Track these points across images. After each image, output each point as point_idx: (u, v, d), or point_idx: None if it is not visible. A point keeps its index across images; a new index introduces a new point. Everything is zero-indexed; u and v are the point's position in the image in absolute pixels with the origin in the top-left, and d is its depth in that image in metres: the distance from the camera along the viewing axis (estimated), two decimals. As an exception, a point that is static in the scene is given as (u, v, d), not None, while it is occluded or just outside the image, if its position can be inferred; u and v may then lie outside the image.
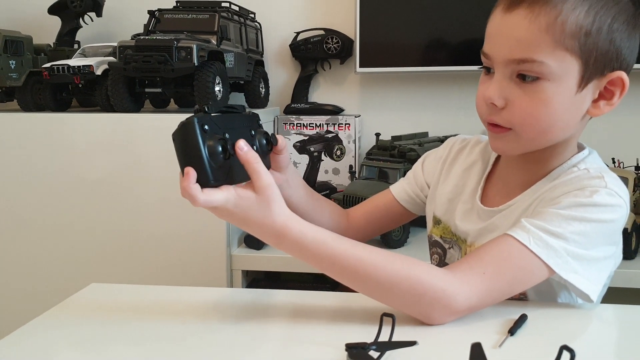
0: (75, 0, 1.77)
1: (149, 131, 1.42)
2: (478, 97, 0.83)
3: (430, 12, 1.73)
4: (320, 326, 0.76)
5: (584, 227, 0.76)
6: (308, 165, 1.82)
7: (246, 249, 1.48)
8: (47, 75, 1.49)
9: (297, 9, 1.89)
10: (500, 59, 0.78)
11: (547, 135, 0.80)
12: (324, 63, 1.89)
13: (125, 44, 1.39)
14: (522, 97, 0.77)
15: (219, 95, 1.42)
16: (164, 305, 0.84)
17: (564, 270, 0.75)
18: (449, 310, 0.73)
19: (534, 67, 0.75)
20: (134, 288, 0.93)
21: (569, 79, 0.76)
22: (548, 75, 0.75)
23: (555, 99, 0.76)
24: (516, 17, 0.76)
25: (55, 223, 1.47)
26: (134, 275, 1.45)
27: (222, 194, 0.71)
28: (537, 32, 0.74)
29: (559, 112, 0.78)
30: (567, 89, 0.76)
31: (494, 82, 0.79)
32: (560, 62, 0.75)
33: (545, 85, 0.76)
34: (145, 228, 1.44)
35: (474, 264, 0.75)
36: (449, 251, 0.98)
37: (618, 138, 1.72)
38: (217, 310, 0.84)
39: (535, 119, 0.77)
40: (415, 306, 0.74)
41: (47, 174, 1.46)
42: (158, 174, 1.42)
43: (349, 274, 0.75)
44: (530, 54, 0.75)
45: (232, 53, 1.56)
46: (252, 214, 0.72)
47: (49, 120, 1.47)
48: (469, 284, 0.74)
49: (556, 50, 0.74)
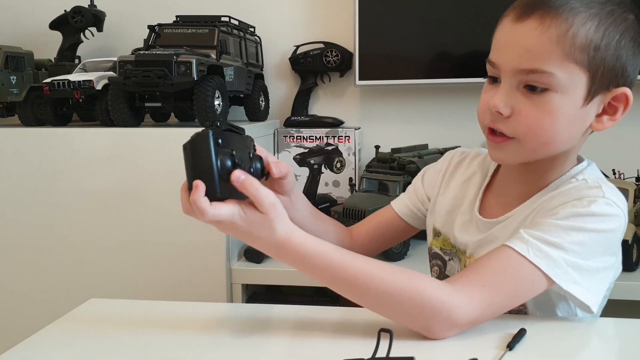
0: (77, 15, 1.78)
1: (149, 145, 1.42)
2: (481, 104, 0.83)
3: (430, 25, 1.73)
4: (318, 341, 0.76)
5: (583, 237, 0.76)
6: (308, 178, 1.82)
7: (246, 263, 1.48)
8: (47, 90, 1.50)
9: (297, 23, 1.89)
10: (508, 68, 0.78)
11: (550, 146, 0.80)
12: (323, 76, 1.90)
13: (125, 59, 1.40)
14: (529, 107, 0.77)
15: (218, 109, 1.43)
16: (164, 320, 0.84)
17: (564, 281, 0.75)
18: (449, 323, 0.73)
19: (542, 77, 0.76)
20: (133, 303, 0.93)
21: (576, 92, 0.76)
22: (556, 87, 0.76)
23: (562, 111, 0.77)
24: (527, 28, 0.76)
25: (55, 237, 1.47)
26: (134, 289, 1.45)
27: (228, 208, 0.71)
28: (548, 43, 0.75)
29: (564, 124, 0.78)
30: (574, 102, 0.77)
31: (501, 90, 0.79)
32: (569, 75, 0.75)
33: (552, 97, 0.76)
34: (144, 242, 1.44)
35: (473, 277, 0.75)
36: (449, 263, 0.97)
37: (618, 149, 1.71)
38: (217, 325, 0.84)
39: (540, 130, 0.78)
40: (416, 319, 0.74)
41: (47, 188, 1.46)
42: (158, 188, 1.42)
43: (348, 286, 0.75)
44: (540, 64, 0.75)
45: (232, 67, 1.56)
46: (255, 228, 0.72)
47: (49, 135, 1.48)
48: (469, 297, 0.73)
49: (565, 62, 0.75)
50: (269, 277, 1.46)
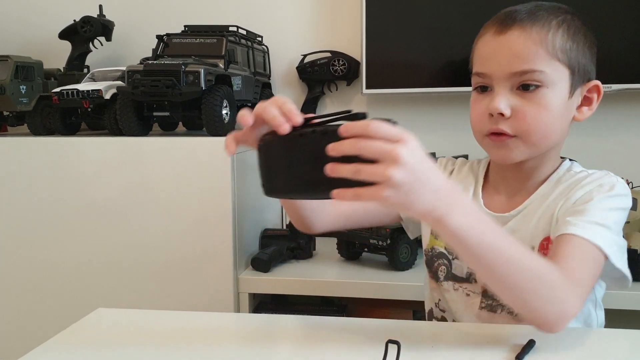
0: (86, 25, 1.79)
1: (157, 154, 1.43)
2: (476, 112, 0.91)
3: (436, 34, 1.73)
4: (325, 353, 0.76)
5: (617, 215, 0.85)
6: (315, 187, 1.81)
7: (253, 272, 1.48)
8: (56, 99, 1.51)
9: (304, 32, 1.90)
10: (501, 74, 0.86)
11: (548, 139, 0.88)
12: (330, 85, 1.90)
13: (134, 69, 1.41)
14: (526, 105, 0.85)
15: (226, 119, 1.43)
16: (171, 330, 0.84)
17: (616, 258, 0.82)
18: (568, 315, 0.75)
19: (534, 76, 0.85)
20: (140, 313, 0.93)
21: (562, 87, 0.87)
22: (547, 82, 0.85)
23: (554, 104, 0.86)
24: (511, 37, 0.86)
25: (63, 246, 1.48)
26: (141, 298, 1.45)
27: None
28: (533, 46, 0.85)
29: (557, 117, 0.87)
30: (562, 95, 0.87)
31: (498, 95, 0.86)
32: (555, 71, 0.85)
33: (545, 92, 0.85)
34: (152, 251, 1.44)
35: (570, 272, 0.76)
36: (453, 262, 1.00)
37: (628, 158, 1.71)
38: (224, 335, 0.84)
39: (540, 123, 0.86)
40: (545, 306, 0.73)
41: (56, 196, 1.47)
42: (166, 197, 1.42)
43: (493, 265, 0.71)
44: (531, 65, 0.85)
45: (240, 76, 1.57)
46: (433, 172, 0.66)
47: (58, 143, 1.49)
48: (576, 292, 0.76)
49: (551, 60, 0.85)
50: (276, 287, 1.46)
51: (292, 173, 0.67)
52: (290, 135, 0.66)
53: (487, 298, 0.95)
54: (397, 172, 0.61)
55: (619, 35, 1.60)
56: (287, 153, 0.67)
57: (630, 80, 1.61)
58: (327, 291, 1.46)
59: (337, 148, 0.62)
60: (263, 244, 1.60)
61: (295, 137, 0.66)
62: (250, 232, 1.56)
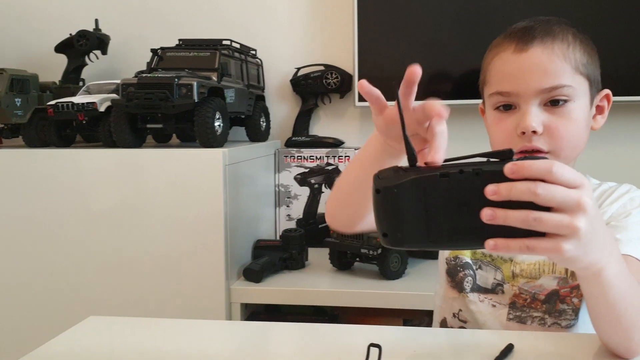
0: (82, 39, 1.81)
1: (151, 165, 1.45)
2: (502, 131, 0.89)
3: (428, 47, 1.76)
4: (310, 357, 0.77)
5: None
6: (309, 197, 1.83)
7: (245, 282, 1.49)
8: (51, 112, 1.53)
9: (298, 46, 1.93)
10: (530, 91, 0.85)
11: (577, 150, 0.89)
12: (324, 97, 1.93)
13: (128, 82, 1.43)
14: (557, 120, 0.85)
15: (218, 130, 1.45)
16: (163, 338, 0.85)
17: None
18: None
19: (564, 91, 0.85)
20: (132, 321, 0.93)
21: (585, 99, 0.88)
22: (574, 96, 0.86)
23: (581, 117, 0.87)
24: (534, 54, 0.86)
25: (57, 256, 1.49)
26: (133, 307, 1.46)
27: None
28: (559, 61, 0.85)
29: (584, 129, 0.89)
30: (586, 107, 0.88)
31: (527, 113, 0.85)
32: (579, 84, 0.86)
33: (572, 106, 0.86)
34: (145, 262, 1.46)
35: None
36: (477, 272, 0.98)
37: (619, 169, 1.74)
38: (217, 343, 0.85)
39: (572, 137, 0.87)
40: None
41: (51, 208, 1.48)
42: (160, 208, 1.44)
43: (611, 309, 0.68)
44: (560, 80, 0.85)
45: (233, 89, 1.59)
46: (601, 221, 0.61)
47: (53, 156, 1.50)
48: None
49: (575, 74, 0.86)
50: (268, 297, 1.48)
51: (429, 221, 0.56)
52: (427, 176, 0.56)
53: (515, 309, 0.93)
54: (584, 224, 0.54)
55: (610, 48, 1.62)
56: (424, 198, 0.56)
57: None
58: (318, 301, 1.48)
59: (504, 191, 0.53)
60: (255, 254, 1.62)
61: (434, 179, 0.56)
62: (242, 242, 1.57)
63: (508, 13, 1.69)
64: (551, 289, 0.91)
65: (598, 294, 0.66)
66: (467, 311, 0.98)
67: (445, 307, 1.02)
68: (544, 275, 0.91)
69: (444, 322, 1.02)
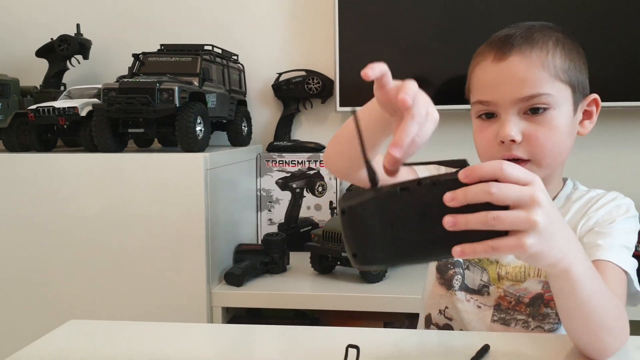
0: (63, 43, 1.81)
1: (133, 170, 1.45)
2: (484, 140, 0.90)
3: (409, 53, 1.78)
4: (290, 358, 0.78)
5: (635, 237, 0.89)
6: (290, 202, 1.84)
7: (226, 286, 1.50)
8: (32, 116, 1.52)
9: (280, 51, 1.94)
10: (508, 100, 0.86)
11: (559, 158, 0.90)
12: (305, 102, 1.94)
13: (109, 86, 1.43)
14: (537, 128, 0.86)
15: (200, 135, 1.46)
16: (145, 341, 0.85)
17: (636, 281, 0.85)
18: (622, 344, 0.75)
19: (542, 99, 0.85)
20: (113, 324, 0.93)
21: (567, 105, 0.88)
22: (554, 104, 0.86)
23: (563, 124, 0.87)
24: (512, 63, 0.86)
25: (38, 261, 1.48)
26: (114, 312, 1.46)
27: None
28: (536, 70, 0.85)
29: (566, 135, 0.88)
30: (568, 114, 0.88)
31: (507, 121, 0.86)
32: (559, 92, 0.86)
33: (553, 114, 0.86)
34: (125, 266, 1.46)
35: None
36: (465, 272, 0.99)
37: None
38: (198, 346, 0.85)
39: (553, 145, 0.87)
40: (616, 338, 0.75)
41: (32, 212, 1.48)
42: (141, 211, 1.44)
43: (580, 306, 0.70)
44: (537, 89, 0.85)
45: (215, 94, 1.60)
46: (560, 215, 0.63)
47: (34, 160, 1.50)
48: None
49: (554, 82, 0.86)
50: (250, 301, 1.48)
51: (396, 237, 0.56)
52: (387, 192, 0.56)
53: (499, 311, 0.94)
54: (541, 217, 0.56)
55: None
56: (387, 213, 0.56)
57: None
58: (300, 304, 1.48)
59: (461, 196, 0.54)
60: (237, 259, 1.62)
61: (394, 194, 0.56)
62: (224, 247, 1.58)
63: (489, 17, 1.71)
64: (536, 292, 0.92)
65: (568, 292, 0.68)
66: (453, 309, 0.99)
67: (432, 303, 1.03)
68: (529, 279, 0.92)
69: (428, 318, 1.03)
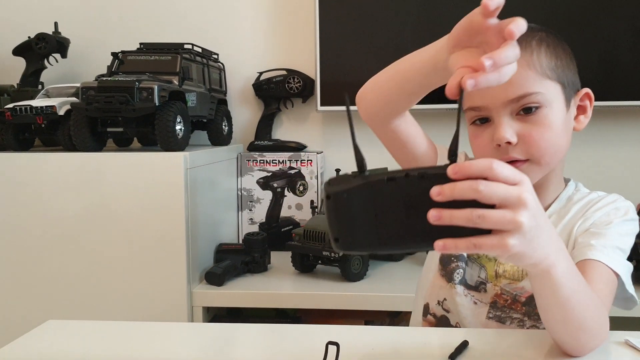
0: (40, 41, 1.79)
1: (112, 169, 1.44)
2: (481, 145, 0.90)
3: (389, 52, 1.78)
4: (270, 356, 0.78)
5: (631, 240, 0.89)
6: (271, 201, 1.84)
7: (207, 286, 1.49)
8: (9, 115, 1.51)
9: (260, 50, 1.94)
10: (499, 103, 0.86)
11: (557, 155, 0.90)
12: (286, 102, 1.94)
13: (88, 85, 1.42)
14: (531, 128, 0.86)
15: (180, 134, 1.45)
16: (124, 341, 0.85)
17: (629, 284, 0.86)
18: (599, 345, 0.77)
19: (532, 98, 0.85)
20: (92, 324, 0.93)
21: (559, 102, 0.88)
22: (545, 102, 0.86)
23: (556, 121, 0.87)
24: None
25: (16, 261, 1.47)
26: (94, 311, 1.45)
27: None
28: (523, 70, 0.84)
29: (561, 132, 0.88)
30: (561, 111, 0.88)
31: (500, 124, 0.86)
32: (548, 89, 0.86)
33: (545, 112, 0.86)
34: (105, 266, 1.45)
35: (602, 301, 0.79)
36: (465, 269, 0.99)
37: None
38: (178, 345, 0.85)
39: (549, 143, 0.87)
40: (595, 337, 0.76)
41: (9, 212, 1.46)
42: (120, 211, 1.43)
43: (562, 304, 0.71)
44: (526, 89, 0.85)
45: (195, 93, 1.59)
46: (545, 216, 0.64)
47: (11, 160, 1.48)
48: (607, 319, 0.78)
49: (543, 80, 0.86)
50: (230, 300, 1.48)
51: (379, 225, 0.57)
52: (374, 180, 0.56)
53: (495, 309, 0.95)
54: (527, 218, 0.56)
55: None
56: (372, 202, 0.56)
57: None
58: (281, 303, 1.49)
59: (448, 191, 0.54)
60: (218, 258, 1.62)
61: (381, 183, 0.56)
62: (204, 246, 1.57)
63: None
64: (532, 291, 0.91)
65: (549, 292, 0.69)
66: (451, 301, 0.99)
67: (431, 293, 1.02)
68: (527, 278, 0.93)
69: (426, 308, 1.03)
